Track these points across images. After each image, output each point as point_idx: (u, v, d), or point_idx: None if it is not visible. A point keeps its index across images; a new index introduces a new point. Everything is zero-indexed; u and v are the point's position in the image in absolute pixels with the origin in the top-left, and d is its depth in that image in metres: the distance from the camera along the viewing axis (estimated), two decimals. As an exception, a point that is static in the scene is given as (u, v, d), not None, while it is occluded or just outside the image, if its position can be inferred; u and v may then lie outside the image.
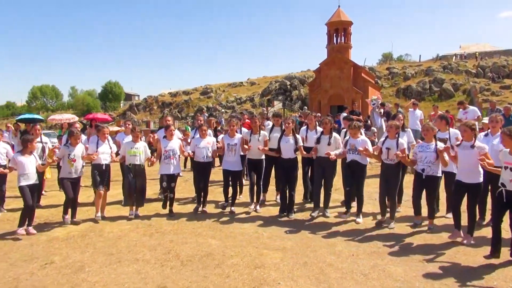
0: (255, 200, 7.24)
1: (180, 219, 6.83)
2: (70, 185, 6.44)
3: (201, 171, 7.24)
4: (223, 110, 38.78)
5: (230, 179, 7.18)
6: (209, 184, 7.51)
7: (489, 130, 6.11)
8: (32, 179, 6.02)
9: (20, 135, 11.27)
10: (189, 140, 7.88)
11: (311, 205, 7.19)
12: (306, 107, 28.24)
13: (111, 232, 6.12)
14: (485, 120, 10.12)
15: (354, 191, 6.59)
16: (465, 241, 5.31)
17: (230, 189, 7.30)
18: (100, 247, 5.49)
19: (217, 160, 11.22)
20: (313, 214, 6.77)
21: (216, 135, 8.92)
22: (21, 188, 5.93)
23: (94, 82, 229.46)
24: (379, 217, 6.47)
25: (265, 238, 5.79)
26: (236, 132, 7.29)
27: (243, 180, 8.45)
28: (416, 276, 4.37)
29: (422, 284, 4.19)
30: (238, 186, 7.61)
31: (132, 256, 5.12)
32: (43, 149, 7.50)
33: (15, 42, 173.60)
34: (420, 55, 50.67)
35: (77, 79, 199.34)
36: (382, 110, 14.08)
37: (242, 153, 7.27)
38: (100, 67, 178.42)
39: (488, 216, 6.25)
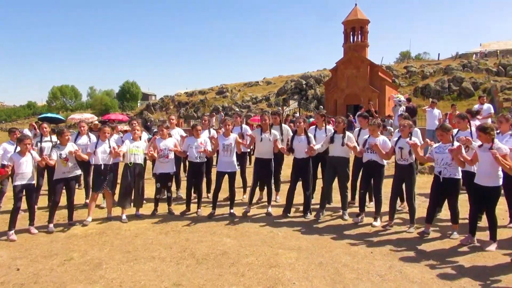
0: (267, 202, 7.20)
1: (196, 218, 6.89)
2: (62, 188, 6.38)
3: (194, 172, 7.20)
4: (237, 109, 38.80)
5: (221, 181, 6.98)
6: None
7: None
8: (27, 179, 5.96)
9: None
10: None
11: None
12: (322, 107, 28.06)
13: (128, 230, 6.22)
14: None
15: (369, 193, 6.57)
16: (488, 247, 5.13)
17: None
18: (117, 244, 5.58)
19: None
20: (320, 215, 6.78)
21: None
22: (13, 187, 5.95)
23: (112, 82, 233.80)
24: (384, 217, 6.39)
25: (280, 237, 5.79)
26: (231, 132, 7.22)
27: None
28: (433, 278, 4.30)
29: (440, 286, 4.13)
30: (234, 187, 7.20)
31: (148, 254, 5.19)
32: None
33: (34, 43, 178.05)
34: (439, 54, 49.86)
35: (95, 79, 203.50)
36: (404, 108, 13.92)
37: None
38: (118, 67, 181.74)
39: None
